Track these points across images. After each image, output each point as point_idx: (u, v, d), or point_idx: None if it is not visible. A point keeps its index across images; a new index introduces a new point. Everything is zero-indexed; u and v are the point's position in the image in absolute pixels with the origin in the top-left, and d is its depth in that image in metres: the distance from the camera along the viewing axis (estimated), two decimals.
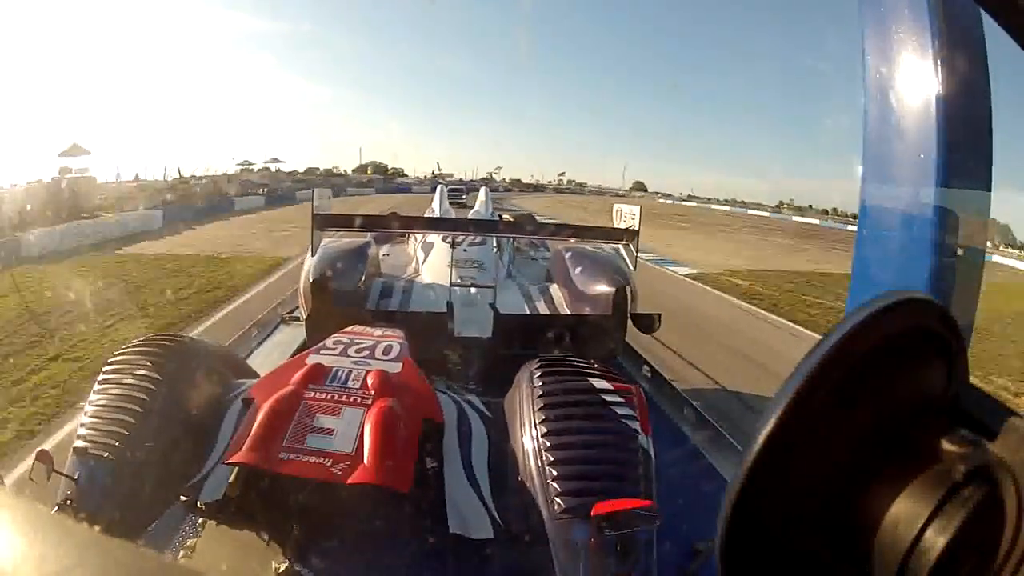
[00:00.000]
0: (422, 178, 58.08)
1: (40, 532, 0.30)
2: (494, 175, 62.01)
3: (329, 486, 2.08)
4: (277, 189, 38.54)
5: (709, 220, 41.74)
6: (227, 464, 2.19)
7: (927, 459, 0.41)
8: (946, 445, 0.40)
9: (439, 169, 61.84)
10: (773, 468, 0.38)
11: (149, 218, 21.68)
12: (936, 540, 0.37)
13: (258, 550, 2.16)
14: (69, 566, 0.27)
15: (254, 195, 34.49)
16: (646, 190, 72.86)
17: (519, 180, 63.43)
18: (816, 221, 50.67)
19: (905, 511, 0.39)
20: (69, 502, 2.13)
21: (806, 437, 0.39)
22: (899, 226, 1.32)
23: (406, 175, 60.56)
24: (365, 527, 2.19)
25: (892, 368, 0.42)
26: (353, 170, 58.80)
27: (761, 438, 0.38)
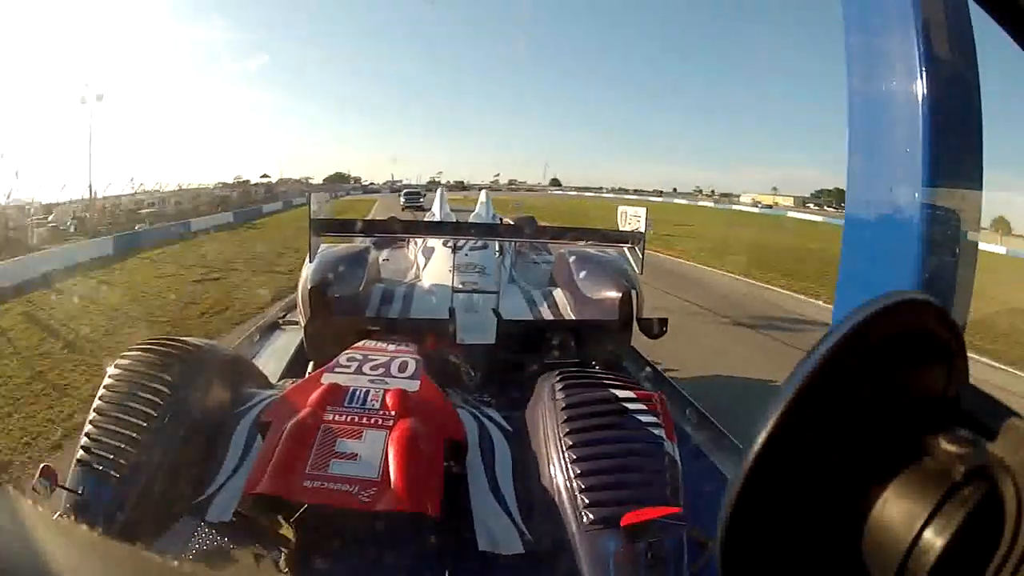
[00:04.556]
0: (380, 184, 70.44)
1: (42, 535, 0.30)
2: (437, 179, 69.61)
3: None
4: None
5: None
6: (249, 494, 2.14)
7: (927, 459, 0.41)
8: (946, 445, 0.40)
9: (392, 177, 70.95)
10: (773, 468, 0.38)
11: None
12: (936, 540, 0.37)
13: (266, 562, 2.14)
14: (70, 568, 0.28)
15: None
16: (560, 185, 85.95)
17: (461, 182, 70.54)
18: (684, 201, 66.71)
19: (905, 511, 0.39)
20: (71, 515, 2.08)
21: (806, 437, 0.39)
22: (887, 225, 1.31)
23: (373, 182, 73.06)
24: (389, 549, 2.17)
25: (892, 368, 0.42)
26: (324, 179, 71.85)
27: (761, 438, 0.38)
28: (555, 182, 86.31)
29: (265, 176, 53.21)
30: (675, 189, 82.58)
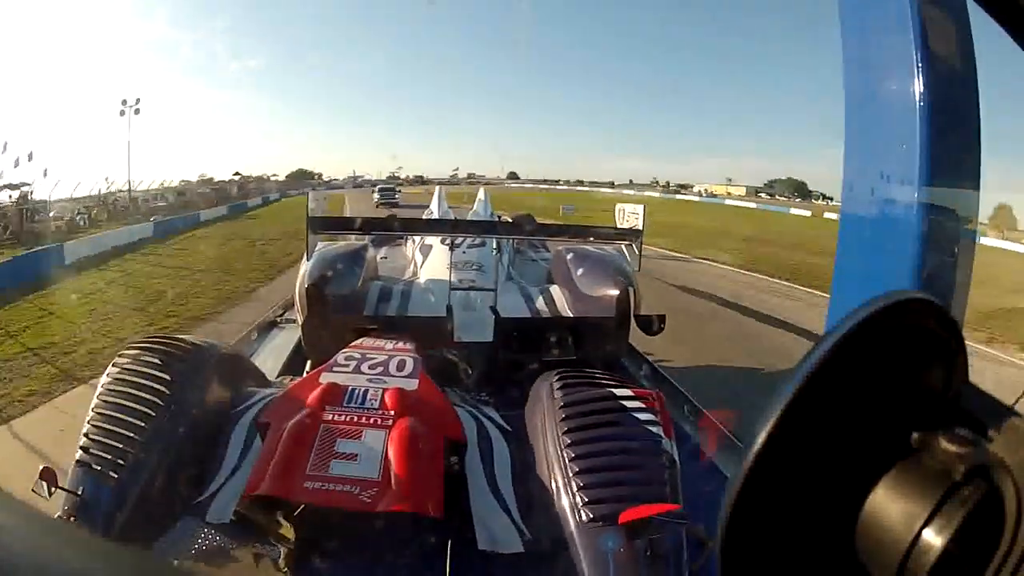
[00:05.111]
0: (343, 180, 69.68)
1: (41, 538, 0.30)
2: (396, 174, 70.57)
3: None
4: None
5: None
6: (249, 496, 2.13)
7: (927, 459, 0.41)
8: (946, 445, 0.40)
9: (354, 173, 71.49)
10: (773, 468, 0.38)
11: None
12: (935, 540, 0.37)
13: (265, 562, 2.14)
14: (70, 571, 0.27)
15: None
16: (518, 178, 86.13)
17: (420, 176, 70.41)
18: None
19: (905, 511, 0.39)
20: (71, 518, 2.08)
21: (806, 437, 0.39)
22: (885, 224, 1.31)
23: (336, 178, 72.13)
24: (389, 548, 2.16)
25: (892, 368, 0.42)
26: (287, 176, 70.02)
27: (761, 438, 0.38)
28: (513, 175, 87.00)
29: (237, 174, 52.88)
30: (631, 181, 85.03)
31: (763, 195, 66.87)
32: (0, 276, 11.74)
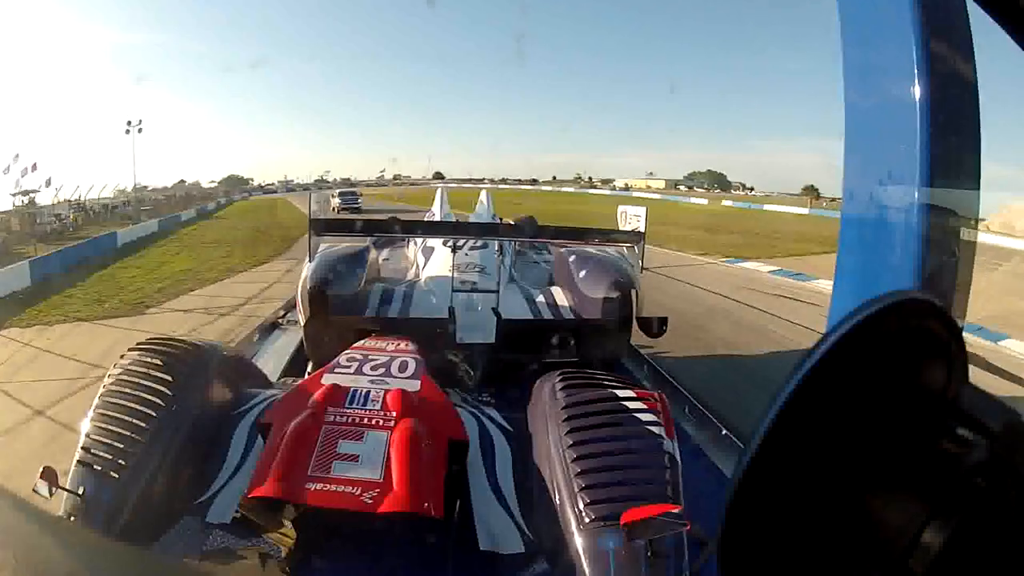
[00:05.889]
0: (276, 184, 69.20)
1: (42, 538, 0.30)
2: (324, 177, 71.99)
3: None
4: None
5: None
6: (251, 497, 2.13)
7: (927, 459, 0.41)
8: (945, 445, 0.40)
9: (285, 177, 71.39)
10: (773, 468, 0.38)
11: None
12: (935, 540, 0.37)
13: (267, 562, 2.14)
14: (71, 571, 0.28)
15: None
16: (443, 177, 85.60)
17: (348, 179, 71.58)
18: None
19: (905, 511, 0.39)
20: (72, 518, 2.08)
21: (806, 437, 0.39)
22: (885, 224, 1.30)
23: (269, 183, 70.75)
24: (390, 549, 2.17)
25: (892, 368, 0.42)
26: (220, 181, 67.99)
27: (761, 438, 0.38)
28: (438, 175, 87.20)
29: (182, 181, 54.00)
30: (555, 177, 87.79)
31: (682, 187, 71.20)
32: (88, 250, 16.83)
